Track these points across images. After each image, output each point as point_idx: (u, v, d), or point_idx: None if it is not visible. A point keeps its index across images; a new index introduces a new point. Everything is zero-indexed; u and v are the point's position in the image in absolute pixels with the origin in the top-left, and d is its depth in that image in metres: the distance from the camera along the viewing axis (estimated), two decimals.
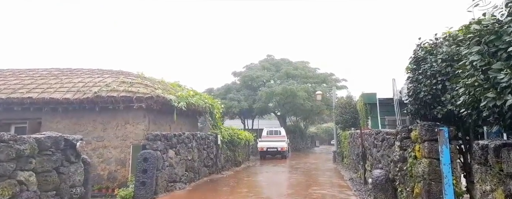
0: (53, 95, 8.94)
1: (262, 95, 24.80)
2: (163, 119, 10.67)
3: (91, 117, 9.52)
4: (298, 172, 13.51)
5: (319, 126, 45.33)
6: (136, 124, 9.48)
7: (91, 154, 9.39)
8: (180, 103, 10.15)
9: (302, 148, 33.44)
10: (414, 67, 5.01)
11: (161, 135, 8.45)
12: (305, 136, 36.61)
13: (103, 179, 9.31)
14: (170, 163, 8.98)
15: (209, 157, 12.14)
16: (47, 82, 9.62)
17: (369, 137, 8.08)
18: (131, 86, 9.42)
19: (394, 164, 5.61)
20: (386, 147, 6.28)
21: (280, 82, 27.40)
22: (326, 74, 29.37)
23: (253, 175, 13.00)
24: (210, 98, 12.89)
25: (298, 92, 24.53)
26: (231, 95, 26.11)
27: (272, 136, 21.70)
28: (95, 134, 9.48)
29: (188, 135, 10.27)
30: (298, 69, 28.03)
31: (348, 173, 12.26)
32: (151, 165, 7.98)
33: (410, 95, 4.92)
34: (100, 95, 8.97)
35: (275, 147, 20.20)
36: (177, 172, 9.40)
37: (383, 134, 6.50)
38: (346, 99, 17.32)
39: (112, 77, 10.04)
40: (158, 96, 9.25)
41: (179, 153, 9.56)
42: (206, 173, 11.80)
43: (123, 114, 9.50)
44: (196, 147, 10.89)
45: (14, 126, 9.58)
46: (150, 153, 8.05)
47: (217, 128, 13.13)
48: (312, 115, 31.42)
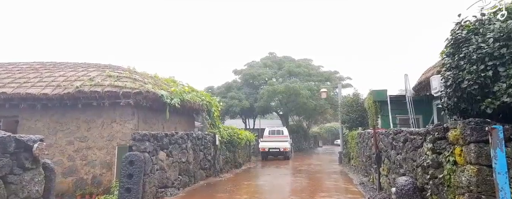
0: (30, 90, 8.02)
1: (263, 94, 23.84)
2: (155, 118, 9.73)
3: (74, 115, 8.60)
4: (302, 175, 12.55)
5: (322, 125, 44.31)
6: (124, 123, 8.55)
7: (74, 156, 8.49)
8: (173, 100, 9.21)
9: (305, 149, 32.46)
10: (451, 52, 4.04)
11: (149, 135, 7.51)
12: (308, 136, 35.62)
13: (87, 184, 8.38)
14: (160, 166, 8.04)
15: (206, 158, 11.19)
16: (25, 76, 8.70)
17: (385, 137, 7.10)
18: (117, 80, 8.49)
19: (423, 170, 4.64)
20: (409, 149, 5.30)
21: (282, 80, 26.44)
22: (330, 72, 28.36)
23: (253, 179, 12.04)
24: (207, 95, 11.95)
25: (301, 90, 23.55)
26: (232, 94, 25.17)
27: (274, 136, 20.74)
28: (78, 134, 8.56)
29: (182, 134, 9.32)
30: (301, 66, 27.05)
31: (357, 176, 11.27)
32: (137, 169, 7.04)
33: (447, 86, 3.94)
34: (83, 90, 8.04)
35: (277, 148, 19.25)
36: (169, 176, 8.45)
37: (405, 133, 5.53)
38: (352, 97, 16.38)
39: (98, 70, 9.12)
40: (147, 91, 8.31)
41: (171, 155, 8.61)
42: (202, 176, 10.85)
43: (109, 111, 8.57)
44: (191, 148, 9.94)
45: None
46: (137, 156, 7.10)
47: (215, 127, 12.18)
48: (316, 114, 30.44)
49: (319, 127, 44.92)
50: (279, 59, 29.70)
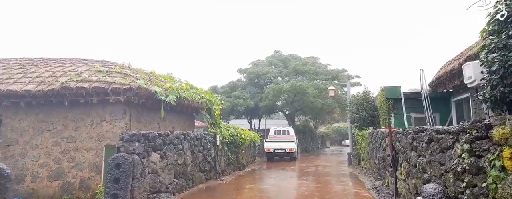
0: (12, 86, 7.39)
1: (269, 93, 23.04)
2: (150, 116, 9.04)
3: (61, 113, 7.95)
4: (309, 178, 11.73)
5: (329, 125, 43.29)
6: (114, 122, 7.86)
7: (61, 158, 7.83)
8: (169, 97, 8.50)
9: (312, 149, 31.54)
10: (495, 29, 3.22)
11: (139, 134, 6.80)
12: (315, 137, 34.68)
13: (74, 189, 7.71)
14: (153, 169, 7.33)
15: (206, 160, 10.46)
16: (9, 72, 8.09)
17: (403, 137, 6.27)
18: (106, 75, 7.81)
19: (456, 176, 3.82)
20: (436, 151, 4.48)
21: (288, 79, 25.59)
22: (338, 70, 27.41)
23: (257, 182, 11.27)
24: (207, 93, 11.22)
25: (307, 89, 22.67)
26: (236, 93, 24.43)
27: (280, 136, 19.93)
28: (65, 134, 7.91)
29: (178, 134, 8.61)
30: (307, 64, 26.16)
31: (369, 179, 10.42)
32: (125, 172, 6.33)
33: (492, 72, 3.12)
34: (68, 86, 7.38)
35: (283, 148, 18.44)
36: (163, 180, 7.73)
37: (430, 132, 4.70)
38: (362, 94, 15.50)
39: (87, 66, 8.46)
40: (139, 87, 7.61)
41: (165, 156, 7.90)
42: (202, 179, 10.12)
43: (98, 109, 7.90)
44: (189, 149, 9.22)
45: None
46: (124, 158, 6.40)
47: (216, 127, 11.45)
48: (323, 114, 29.53)
49: (326, 127, 43.89)
50: (284, 57, 28.88)
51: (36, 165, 7.77)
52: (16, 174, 7.72)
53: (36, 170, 7.75)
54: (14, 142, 7.85)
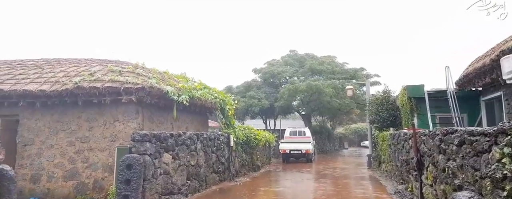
0: (28, 86, 7.42)
1: (284, 93, 22.67)
2: (163, 117, 8.92)
3: (75, 113, 7.94)
4: (326, 180, 11.32)
5: (347, 126, 42.35)
6: (127, 122, 7.78)
7: (75, 158, 7.81)
8: (181, 97, 8.35)
9: (329, 150, 30.89)
10: None
11: (151, 135, 6.65)
12: (333, 137, 33.96)
13: (88, 189, 7.67)
14: (165, 170, 7.17)
15: (219, 161, 10.26)
16: (25, 73, 8.16)
17: (429, 139, 5.81)
18: (119, 75, 7.73)
19: (494, 183, 3.40)
20: (468, 155, 4.05)
21: (304, 78, 25.15)
22: (356, 69, 26.67)
23: (272, 184, 10.97)
24: (221, 93, 11.03)
25: (324, 88, 22.16)
26: (251, 93, 24.20)
27: (295, 137, 19.52)
28: (79, 134, 7.89)
29: (190, 135, 8.43)
30: (324, 64, 25.59)
31: (390, 183, 9.91)
32: (136, 174, 6.19)
33: None
34: (82, 86, 7.34)
35: (299, 149, 18.03)
36: (176, 181, 7.57)
37: (462, 134, 4.27)
38: (382, 94, 14.91)
39: (100, 66, 8.43)
40: (151, 87, 7.48)
41: (178, 157, 7.73)
42: (215, 180, 9.92)
43: (111, 109, 7.83)
44: (202, 150, 9.04)
45: None
46: (135, 159, 6.26)
47: (230, 127, 11.23)
48: (340, 114, 28.86)
49: (344, 127, 42.97)
50: (300, 56, 28.42)
51: (51, 165, 7.79)
52: (32, 174, 7.78)
53: (52, 170, 7.76)
54: (31, 142, 7.90)
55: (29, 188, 7.67)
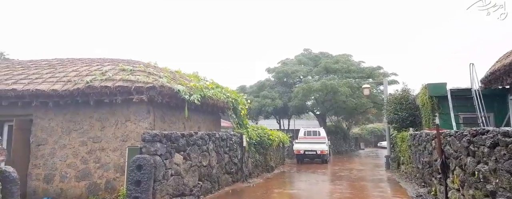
0: (40, 86, 7.42)
1: (298, 92, 22.29)
2: (175, 116, 8.79)
3: (87, 113, 7.90)
4: (342, 182, 10.94)
5: (364, 126, 41.45)
6: (138, 122, 7.67)
7: (87, 158, 7.77)
8: (193, 96, 8.18)
9: (345, 151, 30.25)
10: None
11: (161, 135, 6.50)
12: (348, 138, 33.25)
13: (101, 189, 7.61)
14: (176, 171, 7.01)
15: (232, 162, 10.06)
16: (39, 73, 8.18)
17: (455, 139, 5.40)
18: (130, 74, 7.63)
19: None
20: (503, 158, 3.67)
21: (318, 77, 24.68)
22: (372, 67, 25.97)
23: (286, 185, 10.68)
24: (233, 92, 10.83)
25: (339, 88, 21.64)
26: (264, 93, 23.94)
27: (310, 137, 19.12)
28: (91, 134, 7.84)
29: (202, 135, 8.26)
30: (339, 62, 25.04)
31: (411, 186, 9.45)
32: (146, 175, 6.05)
33: None
34: (93, 85, 7.28)
35: (314, 150, 17.64)
36: (187, 183, 7.41)
37: (495, 135, 3.88)
38: (401, 93, 14.36)
39: (112, 65, 8.37)
40: (162, 86, 7.34)
41: (189, 157, 7.57)
42: (228, 181, 9.72)
43: (122, 109, 7.75)
44: (214, 150, 8.86)
45: (8, 124, 8.21)
46: (146, 159, 6.12)
47: (242, 127, 11.02)
48: (356, 114, 28.18)
49: (360, 128, 42.07)
50: (315, 55, 27.95)
51: (64, 165, 7.77)
52: (45, 174, 7.79)
53: (64, 170, 7.75)
54: (44, 142, 7.92)
55: (42, 188, 7.68)
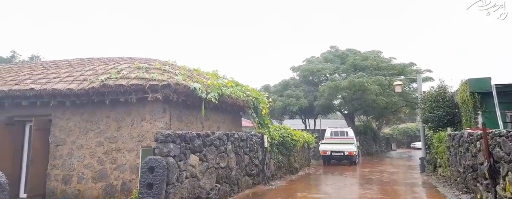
0: (57, 85, 7.36)
1: (324, 91, 21.40)
2: (192, 116, 8.47)
3: (104, 113, 7.75)
4: (373, 186, 10.12)
5: (395, 126, 39.46)
6: (154, 121, 7.41)
7: (104, 159, 7.61)
8: (210, 94, 7.81)
9: (375, 152, 28.84)
10: None
11: (175, 135, 6.15)
12: (379, 138, 31.69)
13: (117, 191, 7.42)
14: (191, 173, 6.65)
15: (252, 163, 9.58)
16: (57, 72, 8.17)
17: (507, 141, 4.57)
18: (145, 72, 7.39)
19: None
20: None
21: (345, 75, 23.60)
22: (404, 64, 24.46)
23: (311, 189, 10.03)
24: (254, 91, 10.35)
25: (369, 85, 20.50)
26: (289, 92, 23.26)
27: (337, 137, 18.24)
28: (108, 134, 7.68)
29: (220, 135, 7.86)
30: (368, 59, 23.82)
31: (450, 191, 8.49)
32: (158, 177, 5.72)
33: None
34: (107, 83, 7.10)
35: (341, 151, 16.78)
36: (204, 185, 7.02)
37: None
38: (437, 89, 13.22)
39: (128, 63, 8.19)
40: (177, 83, 7.02)
41: (206, 159, 7.19)
42: (249, 184, 9.25)
43: (138, 108, 7.53)
44: (232, 151, 8.43)
45: (29, 124, 8.27)
46: (158, 161, 5.79)
47: (264, 126, 10.51)
48: (387, 113, 26.68)
49: (391, 128, 40.10)
50: (342, 52, 26.83)
51: (82, 166, 7.67)
52: (64, 175, 7.73)
53: (82, 170, 7.65)
54: (62, 142, 7.87)
55: (60, 189, 7.62)
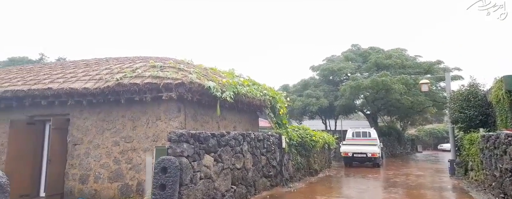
0: (73, 84, 7.38)
1: (345, 90, 20.75)
2: (208, 115, 8.29)
3: (120, 112, 7.72)
4: (398, 190, 9.55)
5: (421, 127, 37.86)
6: (169, 121, 7.29)
7: (119, 158, 7.57)
8: (225, 93, 7.59)
9: (400, 154, 27.71)
10: None
11: (188, 134, 5.96)
12: (403, 140, 30.46)
13: (132, 191, 7.35)
14: (206, 174, 6.44)
15: (270, 164, 9.28)
16: (75, 72, 8.23)
17: None
18: (160, 70, 7.27)
19: None
20: None
21: (368, 74, 22.81)
22: (431, 62, 23.35)
23: (332, 192, 9.60)
24: (271, 90, 10.05)
25: (393, 84, 19.66)
26: (309, 92, 22.76)
27: (359, 138, 17.59)
28: (123, 134, 7.64)
29: (235, 135, 7.61)
30: (391, 57, 22.91)
31: (485, 197, 7.83)
32: (171, 178, 5.54)
33: None
34: (122, 82, 7.04)
35: (363, 153, 16.13)
36: (218, 187, 6.80)
37: None
38: (468, 88, 12.39)
39: (143, 62, 8.13)
40: (191, 82, 6.85)
41: (221, 159, 6.96)
42: (266, 185, 8.96)
43: (153, 107, 7.44)
44: (249, 151, 8.17)
45: (49, 124, 8.38)
46: (171, 161, 5.61)
47: (281, 126, 10.19)
48: (412, 113, 25.56)
49: (417, 129, 38.51)
50: (364, 51, 26.00)
51: (98, 165, 7.66)
52: (81, 174, 7.75)
53: (98, 170, 7.64)
54: (80, 141, 7.90)
55: (78, 189, 7.64)
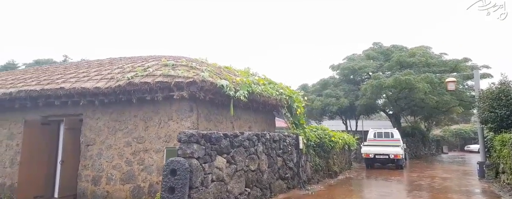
0: (85, 84, 7.31)
1: (366, 89, 20.02)
2: (222, 115, 8.03)
3: (132, 112, 7.58)
4: (423, 194, 8.94)
5: (446, 128, 36.20)
6: (181, 121, 7.07)
7: (131, 160, 7.42)
8: (239, 92, 7.31)
9: (424, 155, 26.53)
10: None
11: (199, 135, 5.72)
12: (428, 140, 29.16)
13: (144, 193, 7.17)
14: (218, 176, 6.17)
15: (286, 166, 8.91)
16: (87, 71, 8.20)
17: None
18: (171, 69, 7.08)
19: None
20: None
21: (390, 73, 21.94)
22: (457, 60, 22.16)
23: (352, 195, 9.11)
24: (288, 88, 9.68)
25: (417, 83, 18.77)
26: (328, 91, 22.16)
27: (381, 139, 16.87)
28: (135, 134, 7.50)
29: (249, 135, 7.31)
30: (415, 55, 21.92)
31: None
32: (180, 180, 5.31)
33: None
34: (133, 81, 6.88)
35: (386, 154, 15.44)
36: (232, 190, 6.52)
37: None
38: (499, 86, 11.53)
39: (155, 61, 7.98)
40: (203, 80, 6.59)
41: (234, 161, 6.68)
42: (282, 188, 8.60)
43: (165, 107, 7.25)
44: (264, 152, 7.84)
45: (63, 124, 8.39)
46: (180, 163, 5.38)
47: (299, 127, 9.79)
48: (438, 113, 24.38)
49: (442, 129, 36.85)
50: (386, 49, 25.07)
51: (110, 167, 7.56)
52: (93, 175, 7.67)
53: (110, 171, 7.53)
54: (92, 142, 7.84)
55: (91, 190, 7.56)
